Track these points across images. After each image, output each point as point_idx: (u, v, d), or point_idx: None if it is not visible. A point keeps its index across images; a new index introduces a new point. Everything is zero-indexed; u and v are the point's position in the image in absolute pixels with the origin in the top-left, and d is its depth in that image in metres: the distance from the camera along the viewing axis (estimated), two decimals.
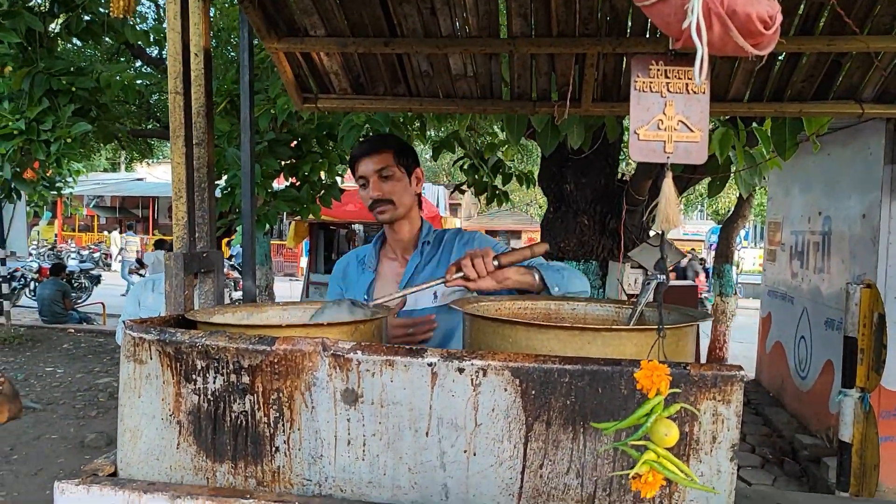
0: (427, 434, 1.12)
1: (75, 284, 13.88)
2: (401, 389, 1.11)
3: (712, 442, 1.06)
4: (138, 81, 4.99)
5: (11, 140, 3.84)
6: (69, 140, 3.94)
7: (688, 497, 1.09)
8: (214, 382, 1.16)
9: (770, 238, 7.70)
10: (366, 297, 2.00)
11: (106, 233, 29.81)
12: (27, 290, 13.91)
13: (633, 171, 3.70)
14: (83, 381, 7.84)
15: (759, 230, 26.55)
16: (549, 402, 1.09)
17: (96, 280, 15.06)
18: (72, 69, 4.14)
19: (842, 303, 5.34)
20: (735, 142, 2.63)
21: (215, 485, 1.18)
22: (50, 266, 12.48)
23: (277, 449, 1.16)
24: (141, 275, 13.41)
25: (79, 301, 13.06)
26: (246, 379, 1.15)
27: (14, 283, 12.93)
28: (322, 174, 5.40)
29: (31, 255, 17.51)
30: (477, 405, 1.10)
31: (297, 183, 5.36)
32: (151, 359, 1.20)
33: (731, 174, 2.96)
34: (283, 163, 5.23)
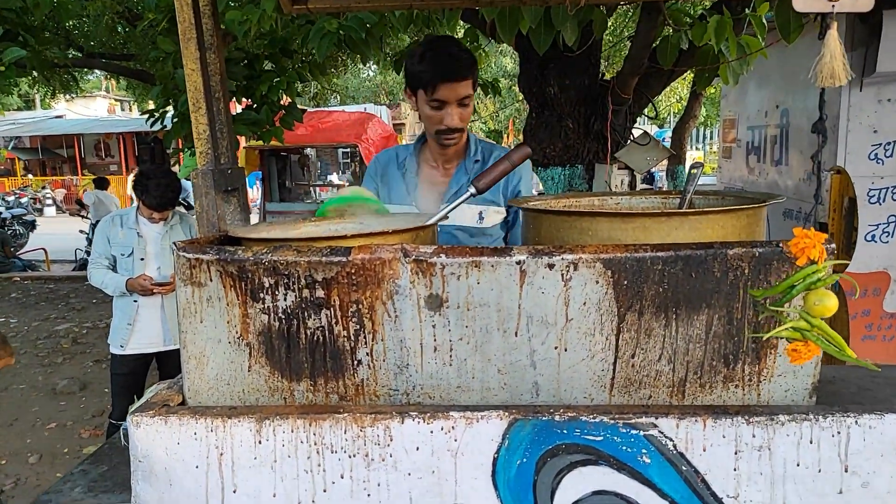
0: (516, 334, 1.09)
1: (9, 232, 13.13)
2: (488, 291, 1.07)
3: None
4: None
5: None
6: (2, 69, 3.57)
7: (776, 373, 1.10)
8: (286, 300, 1.10)
9: (724, 135, 7.84)
10: (413, 203, 1.90)
11: (30, 176, 28.11)
12: None
13: (617, 71, 3.63)
14: (41, 328, 7.55)
15: (698, 133, 27.10)
16: (641, 291, 1.07)
17: (31, 225, 14.27)
18: None
19: (801, 193, 5.53)
20: (729, 31, 2.58)
21: (293, 403, 1.13)
22: None
23: (360, 362, 1.11)
24: (83, 216, 12.75)
25: (18, 248, 12.40)
26: (321, 293, 1.08)
27: None
28: (280, 94, 5.12)
29: None
30: (568, 300, 1.07)
31: (255, 105, 5.08)
32: (212, 280, 1.11)
33: (720, 65, 2.94)
34: (236, 84, 4.93)
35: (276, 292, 1.09)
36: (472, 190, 1.48)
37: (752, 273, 1.06)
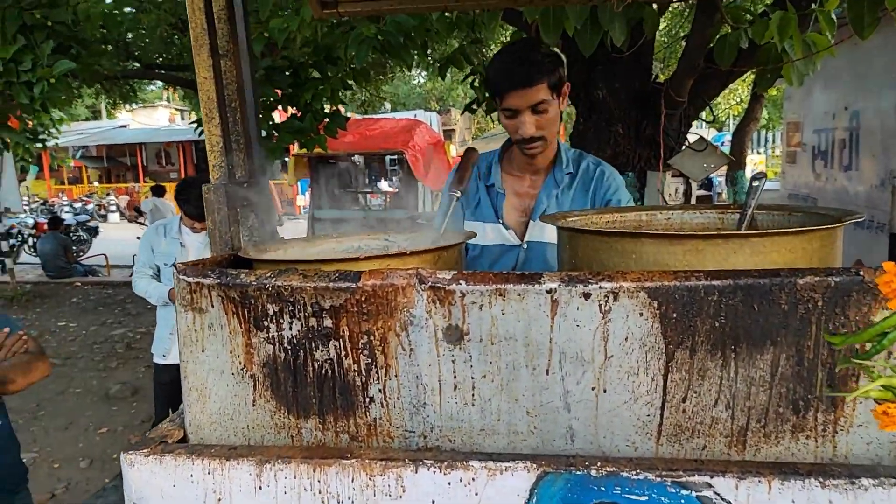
0: (547, 372, 0.96)
1: (73, 237, 13.65)
2: (514, 322, 0.94)
3: None
4: (116, 11, 4.60)
5: None
6: (52, 80, 3.63)
7: (855, 422, 0.94)
8: (291, 329, 0.99)
9: (789, 139, 7.46)
10: (500, 220, 1.78)
11: (96, 184, 29.31)
12: (26, 246, 13.68)
13: (671, 72, 3.43)
14: (98, 333, 7.77)
15: (759, 136, 26.14)
16: (693, 325, 0.92)
17: (94, 232, 14.81)
18: (44, 1, 3.79)
19: (873, 201, 5.17)
20: (794, 27, 2.37)
21: (301, 443, 1.03)
22: (47, 220, 12.21)
23: (372, 399, 1.00)
24: (140, 223, 13.16)
25: (80, 254, 12.88)
26: (328, 322, 0.98)
27: (12, 240, 12.71)
28: (324, 102, 5.10)
29: (24, 210, 17.23)
30: (607, 335, 0.93)
31: (299, 113, 5.07)
32: (213, 306, 1.02)
33: (783, 64, 2.72)
34: (280, 93, 4.93)
35: (281, 321, 0.99)
36: (457, 193, 1.39)
37: (826, 306, 0.90)
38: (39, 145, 12.21)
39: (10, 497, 2.15)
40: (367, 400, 1.00)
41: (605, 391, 0.95)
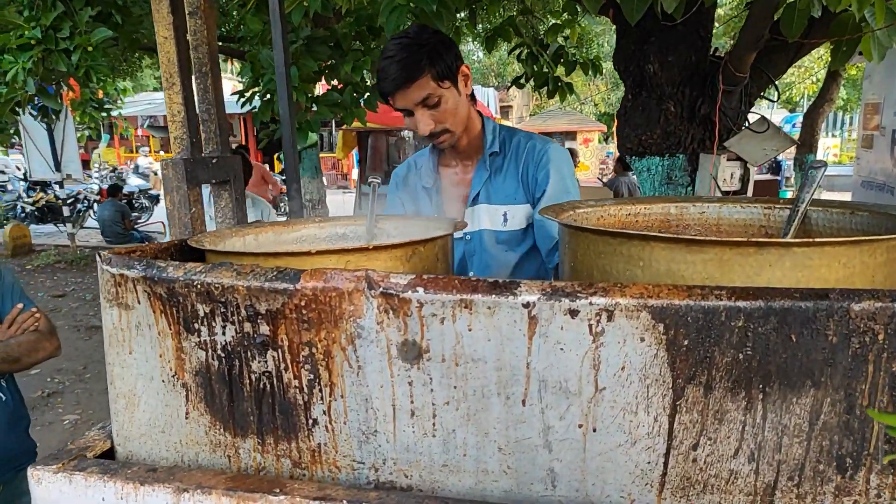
0: (524, 402, 0.77)
1: (136, 205, 14.04)
2: (484, 341, 0.76)
3: None
4: None
5: (30, 51, 3.53)
6: (90, 48, 3.59)
7: None
8: (224, 334, 0.84)
9: (865, 122, 6.86)
10: (437, 213, 1.66)
11: (162, 153, 30.19)
12: (91, 211, 14.18)
13: (731, 46, 3.09)
14: None
15: (835, 118, 24.65)
16: (710, 356, 0.72)
17: (155, 199, 15.22)
18: None
19: None
20: None
21: (238, 464, 0.88)
22: (108, 187, 12.59)
23: (315, 421, 0.84)
24: None
25: (139, 221, 13.25)
26: (265, 329, 0.82)
27: (79, 206, 13.19)
28: (364, 74, 4.94)
29: (94, 177, 17.88)
30: (598, 362, 0.74)
31: (340, 86, 4.94)
32: (139, 303, 0.88)
33: (862, 35, 2.39)
34: (321, 64, 4.80)
35: (213, 323, 0.84)
36: (377, 180, 1.26)
37: (890, 341, 0.68)
38: (104, 114, 12.55)
39: (15, 474, 2.12)
40: (311, 422, 0.84)
41: (594, 430, 0.77)
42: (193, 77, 1.24)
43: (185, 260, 1.04)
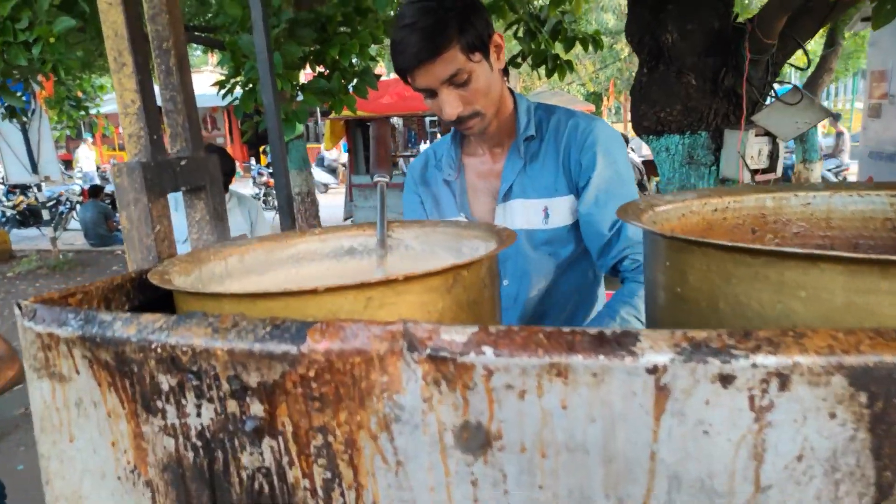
0: None
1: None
2: (586, 423, 0.51)
3: None
4: None
5: None
6: (52, 40, 3.29)
7: None
8: (200, 415, 0.59)
9: (872, 91, 6.65)
10: (463, 213, 1.41)
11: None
12: (74, 213, 13.79)
13: (757, 9, 2.83)
14: None
15: (831, 88, 24.48)
16: None
17: None
18: None
19: None
20: None
21: None
22: (89, 188, 12.23)
23: None
24: None
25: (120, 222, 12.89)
26: (258, 409, 0.57)
27: (60, 208, 12.80)
28: (352, 59, 4.65)
29: (75, 178, 17.47)
30: (762, 450, 0.49)
31: (326, 72, 4.64)
32: (79, 373, 0.62)
33: None
34: (306, 50, 4.50)
35: (183, 401, 0.59)
36: (384, 178, 1.07)
37: None
38: (82, 112, 12.12)
39: None
40: None
41: None
42: (153, 56, 0.97)
43: (149, 299, 0.79)
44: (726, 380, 0.48)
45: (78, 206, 13.64)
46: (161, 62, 0.95)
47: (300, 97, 4.36)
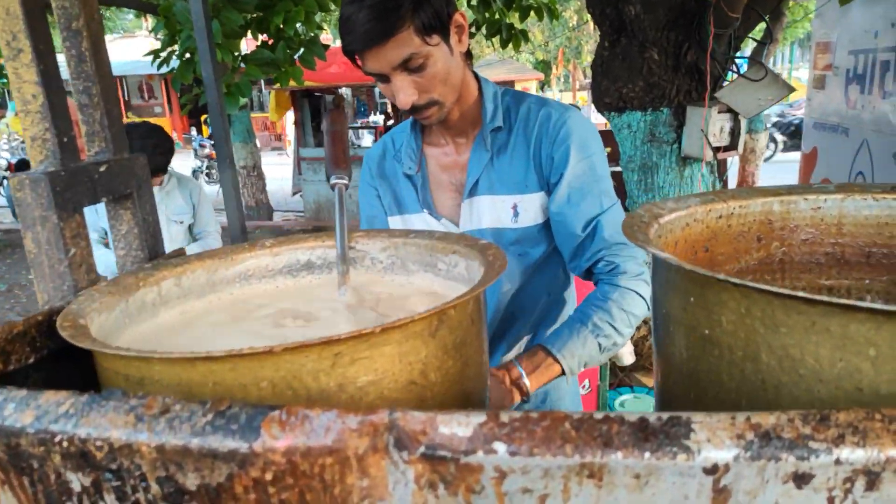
0: None
1: None
2: None
3: None
4: None
5: None
6: None
7: None
8: None
9: (816, 62, 6.74)
10: (427, 209, 1.28)
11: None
12: (1, 189, 12.96)
13: None
14: None
15: (773, 59, 25.07)
16: None
17: None
18: None
19: None
20: None
21: None
22: (16, 162, 11.50)
23: None
24: None
25: None
26: None
27: None
28: (297, 27, 4.40)
29: (1, 151, 16.44)
30: None
31: (270, 42, 4.38)
32: None
33: None
34: (247, 17, 4.23)
35: None
36: (343, 181, 0.93)
37: None
38: (3, 80, 11.41)
39: None
40: None
41: None
42: (60, 39, 0.81)
43: (61, 347, 0.64)
44: (802, 479, 0.39)
45: (4, 182, 12.82)
46: (71, 46, 0.79)
47: (243, 67, 4.10)
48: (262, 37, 4.39)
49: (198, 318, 0.76)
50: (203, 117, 17.44)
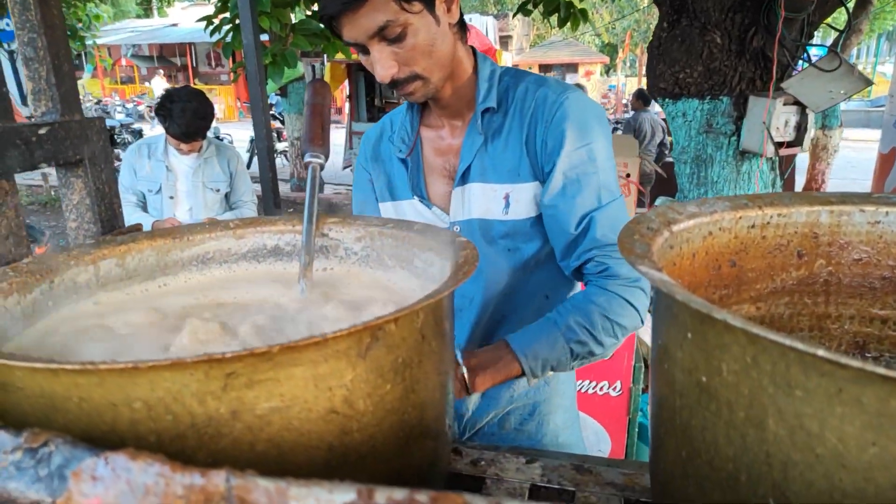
0: None
1: (118, 140, 13.39)
2: None
3: None
4: None
5: None
6: None
7: None
8: None
9: None
10: (418, 195, 1.18)
11: (147, 84, 29.11)
12: None
13: None
14: None
15: (857, 51, 23.69)
16: None
17: (138, 134, 14.53)
18: None
19: None
20: None
21: None
22: None
23: None
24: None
25: (121, 156, 12.63)
26: None
27: None
28: None
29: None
30: None
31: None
32: None
33: None
34: None
35: None
36: (318, 160, 0.86)
37: None
38: (78, 43, 11.74)
39: None
40: None
41: None
42: None
43: None
44: None
45: None
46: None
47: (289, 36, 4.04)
48: (315, 7, 4.31)
49: (115, 311, 0.67)
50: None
